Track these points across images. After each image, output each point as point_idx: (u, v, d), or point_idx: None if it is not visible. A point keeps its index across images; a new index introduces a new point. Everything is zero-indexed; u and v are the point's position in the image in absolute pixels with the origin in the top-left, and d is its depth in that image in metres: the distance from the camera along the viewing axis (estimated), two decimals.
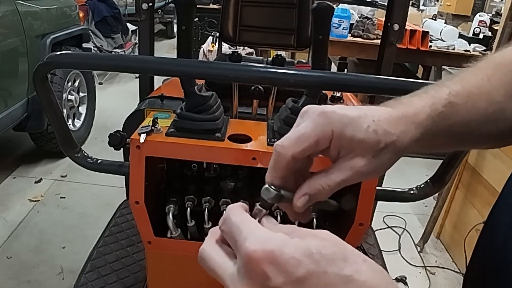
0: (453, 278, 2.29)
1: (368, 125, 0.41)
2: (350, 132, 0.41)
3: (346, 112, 0.41)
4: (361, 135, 0.41)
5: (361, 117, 0.42)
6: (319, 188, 0.42)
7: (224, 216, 0.37)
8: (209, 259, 0.36)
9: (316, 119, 0.41)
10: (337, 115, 0.41)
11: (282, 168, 0.41)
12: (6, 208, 2.59)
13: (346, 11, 3.59)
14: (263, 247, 0.32)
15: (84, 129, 3.47)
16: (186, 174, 1.16)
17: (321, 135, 0.41)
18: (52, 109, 1.04)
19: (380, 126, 0.42)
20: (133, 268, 1.41)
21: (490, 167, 2.15)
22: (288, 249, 0.32)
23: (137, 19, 1.63)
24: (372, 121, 0.42)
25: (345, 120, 0.41)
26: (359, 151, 0.41)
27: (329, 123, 0.41)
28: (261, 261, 0.31)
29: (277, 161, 0.41)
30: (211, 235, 0.38)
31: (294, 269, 0.31)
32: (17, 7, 2.60)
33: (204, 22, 4.80)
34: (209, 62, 2.28)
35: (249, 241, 0.33)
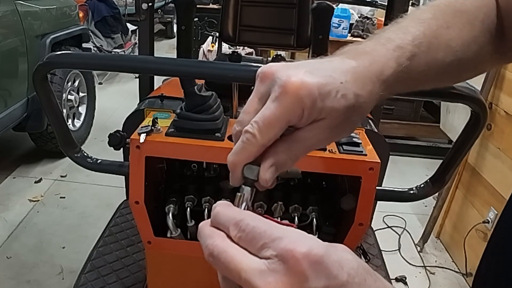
0: (453, 278, 2.29)
1: (337, 91, 0.39)
2: (320, 104, 0.39)
3: (313, 81, 0.38)
4: (330, 103, 0.39)
5: (329, 82, 0.39)
6: (286, 158, 0.40)
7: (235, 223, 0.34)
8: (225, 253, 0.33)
9: (283, 99, 0.38)
10: (305, 89, 0.38)
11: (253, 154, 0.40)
12: (6, 208, 2.59)
13: (346, 11, 3.59)
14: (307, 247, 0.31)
15: (84, 129, 3.46)
16: (186, 174, 1.16)
17: (291, 116, 0.38)
18: (52, 109, 1.04)
19: (349, 89, 0.40)
20: (133, 268, 1.41)
21: (490, 167, 2.15)
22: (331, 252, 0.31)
23: (137, 19, 1.63)
24: (340, 83, 0.39)
25: (314, 92, 0.38)
26: (328, 117, 0.40)
27: (298, 101, 0.38)
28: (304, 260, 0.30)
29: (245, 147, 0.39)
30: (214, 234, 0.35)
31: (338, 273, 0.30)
32: (17, 7, 2.60)
33: (204, 22, 4.80)
34: (209, 62, 2.27)
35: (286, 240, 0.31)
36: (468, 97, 0.87)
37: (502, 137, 2.07)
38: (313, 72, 0.39)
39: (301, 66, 0.40)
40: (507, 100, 2.05)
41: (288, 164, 0.41)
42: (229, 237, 0.34)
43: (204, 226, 0.36)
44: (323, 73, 0.39)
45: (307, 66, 0.40)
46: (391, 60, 0.43)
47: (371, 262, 1.51)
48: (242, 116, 0.41)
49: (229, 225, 0.34)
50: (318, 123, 0.40)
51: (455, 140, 1.00)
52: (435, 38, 0.47)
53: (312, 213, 1.08)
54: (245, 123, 0.39)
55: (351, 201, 0.96)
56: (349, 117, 0.41)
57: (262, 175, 0.40)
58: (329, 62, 0.42)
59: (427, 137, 3.75)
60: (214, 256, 0.33)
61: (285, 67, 0.40)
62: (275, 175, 0.40)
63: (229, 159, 0.41)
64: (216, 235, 0.34)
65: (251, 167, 0.41)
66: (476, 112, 0.90)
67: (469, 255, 2.19)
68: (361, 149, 0.96)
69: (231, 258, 0.32)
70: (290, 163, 0.41)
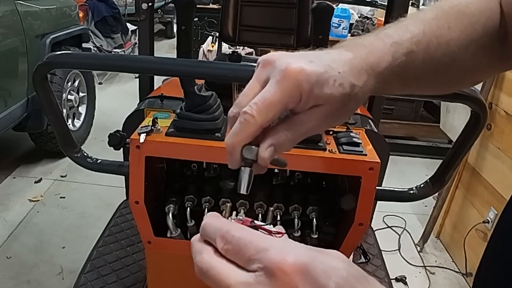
0: (453, 278, 2.29)
1: (335, 79, 0.41)
2: (317, 90, 0.41)
3: (312, 69, 0.40)
4: (328, 90, 0.41)
5: (327, 71, 0.41)
6: (285, 139, 0.42)
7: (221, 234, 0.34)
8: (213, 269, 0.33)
9: (283, 83, 0.40)
10: (304, 75, 0.40)
11: (251, 134, 0.41)
12: (6, 208, 2.59)
13: (346, 11, 3.59)
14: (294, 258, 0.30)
15: (84, 129, 3.46)
16: (186, 174, 1.16)
17: (290, 100, 0.40)
18: (52, 109, 1.04)
19: (346, 79, 0.42)
20: (133, 268, 1.41)
21: (490, 167, 2.15)
22: (318, 262, 0.31)
23: (137, 19, 1.63)
24: (338, 73, 0.41)
25: (313, 79, 0.40)
26: (326, 103, 0.42)
27: (297, 86, 0.40)
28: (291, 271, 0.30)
29: (243, 128, 0.40)
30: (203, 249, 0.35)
31: (326, 282, 0.30)
32: (17, 7, 2.60)
33: (204, 22, 4.79)
34: (208, 62, 2.27)
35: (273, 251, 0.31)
36: (468, 97, 0.87)
37: (502, 137, 2.07)
38: (313, 61, 0.41)
39: (301, 56, 0.42)
40: (507, 100, 2.05)
41: (286, 145, 0.42)
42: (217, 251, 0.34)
43: (194, 241, 0.36)
44: (322, 63, 0.42)
45: (307, 56, 0.42)
46: (388, 54, 0.45)
47: (371, 262, 1.51)
48: (240, 98, 0.42)
49: (216, 237, 0.34)
50: (316, 108, 0.42)
51: (455, 140, 1.00)
52: (434, 38, 0.47)
53: (312, 213, 1.08)
54: (244, 104, 0.41)
55: (351, 201, 0.96)
56: (346, 104, 0.43)
57: (261, 153, 0.41)
58: (328, 54, 0.44)
59: (427, 137, 3.75)
60: (203, 273, 0.34)
61: (286, 55, 0.42)
62: (274, 155, 0.42)
63: (227, 141, 0.42)
64: (205, 251, 0.34)
65: (249, 147, 0.42)
66: (476, 112, 0.90)
67: (469, 255, 2.19)
68: (361, 149, 0.96)
69: (218, 274, 0.33)
70: (288, 144, 0.42)
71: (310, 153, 0.96)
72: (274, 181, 1.13)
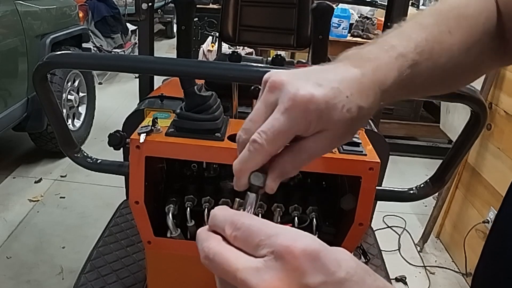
0: (453, 278, 2.29)
1: (343, 105, 0.40)
2: (326, 117, 0.40)
3: (320, 96, 0.39)
4: (335, 117, 0.40)
5: (336, 96, 0.40)
6: (291, 168, 0.42)
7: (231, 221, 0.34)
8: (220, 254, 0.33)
9: (293, 111, 0.39)
10: (314, 103, 0.39)
11: (260, 162, 0.41)
12: (6, 208, 2.59)
13: (346, 11, 3.59)
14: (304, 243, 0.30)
15: (84, 129, 3.46)
16: (186, 174, 1.16)
17: (299, 127, 0.40)
18: (51, 109, 1.04)
19: (354, 103, 0.41)
20: (133, 268, 1.41)
21: (490, 167, 2.15)
22: (329, 250, 0.31)
23: (137, 19, 1.63)
24: (346, 97, 0.40)
25: (322, 106, 0.39)
26: (332, 128, 0.41)
27: (306, 116, 0.39)
28: (302, 256, 0.30)
29: (252, 156, 0.40)
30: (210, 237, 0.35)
31: (336, 269, 0.30)
32: (17, 7, 2.60)
33: (203, 22, 4.80)
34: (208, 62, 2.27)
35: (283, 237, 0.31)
36: (468, 97, 0.87)
37: (502, 137, 2.07)
38: (322, 84, 0.40)
39: (309, 76, 0.41)
40: (507, 100, 2.05)
41: (292, 172, 0.43)
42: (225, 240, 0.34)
43: (201, 230, 0.36)
44: (331, 85, 0.40)
45: (314, 76, 0.41)
46: (393, 69, 0.44)
47: (371, 262, 1.51)
48: (248, 124, 0.41)
49: (225, 224, 0.34)
50: (322, 133, 0.41)
51: (455, 140, 1.00)
52: (437, 44, 0.47)
53: (312, 213, 1.08)
54: (252, 131, 0.40)
55: (351, 201, 0.96)
56: (351, 127, 0.42)
57: (269, 183, 0.42)
58: (335, 71, 0.42)
59: (427, 137, 3.75)
60: (209, 259, 0.33)
61: (294, 77, 0.41)
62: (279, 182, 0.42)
63: (235, 166, 0.42)
64: (212, 238, 0.34)
65: (257, 174, 0.42)
66: (476, 112, 0.90)
67: (469, 255, 2.19)
68: (361, 149, 0.96)
69: (226, 259, 0.32)
70: (294, 171, 0.43)
71: None
72: None
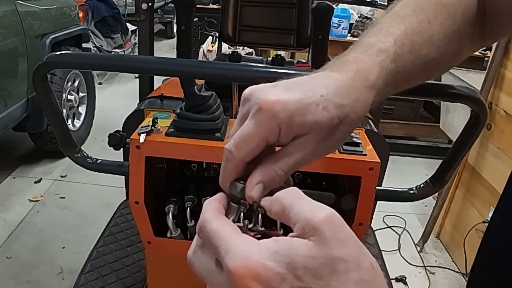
0: (453, 278, 2.29)
1: (317, 104, 0.38)
2: (298, 119, 0.38)
3: (289, 97, 0.38)
4: (311, 117, 0.38)
5: (307, 97, 0.38)
6: (273, 174, 0.39)
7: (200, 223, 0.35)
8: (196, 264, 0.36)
9: (258, 116, 0.38)
10: (280, 105, 0.38)
11: (233, 170, 0.40)
12: (6, 208, 2.59)
13: (346, 11, 3.59)
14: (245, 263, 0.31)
15: (84, 129, 3.46)
16: (186, 174, 1.16)
17: (268, 132, 0.38)
18: (51, 109, 1.04)
19: (330, 101, 0.39)
20: (133, 268, 1.41)
21: (490, 167, 2.15)
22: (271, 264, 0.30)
23: (137, 19, 1.63)
24: (320, 96, 0.39)
25: (291, 108, 0.38)
26: (312, 131, 0.39)
27: (273, 118, 0.38)
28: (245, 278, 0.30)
29: (226, 165, 0.40)
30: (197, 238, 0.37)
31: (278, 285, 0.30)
32: (17, 7, 2.60)
33: (203, 22, 4.79)
34: (208, 62, 2.27)
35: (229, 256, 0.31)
36: (468, 97, 0.87)
37: (502, 137, 2.07)
38: (291, 88, 0.39)
39: (279, 85, 0.40)
40: (507, 100, 2.05)
41: (276, 180, 0.40)
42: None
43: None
44: (302, 88, 0.39)
45: (285, 84, 0.40)
46: (375, 65, 0.43)
47: None
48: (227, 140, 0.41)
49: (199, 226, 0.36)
50: (302, 138, 0.39)
51: (455, 140, 1.00)
52: (417, 35, 0.46)
53: None
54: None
55: (351, 201, 0.96)
56: (336, 128, 0.40)
57: (247, 191, 0.39)
58: (310, 78, 0.41)
59: (427, 137, 3.75)
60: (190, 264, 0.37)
61: (263, 87, 0.40)
62: (264, 193, 0.39)
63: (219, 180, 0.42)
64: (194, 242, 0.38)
65: (234, 184, 0.40)
66: (476, 112, 0.90)
67: (469, 255, 2.19)
68: (361, 149, 0.96)
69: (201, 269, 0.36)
70: (278, 179, 0.40)
71: None
72: None
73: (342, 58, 0.44)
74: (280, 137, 0.39)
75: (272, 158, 0.40)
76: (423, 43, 0.46)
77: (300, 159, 0.40)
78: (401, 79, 0.45)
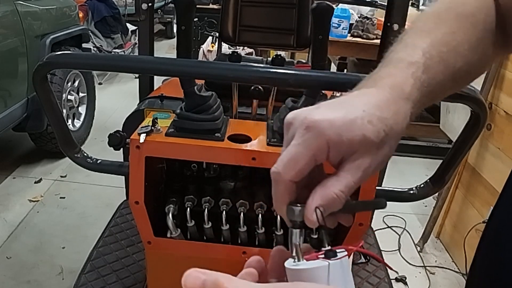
0: (453, 278, 2.29)
1: (361, 118, 0.38)
2: (346, 135, 0.38)
3: (334, 115, 0.38)
4: (358, 132, 0.38)
5: (350, 112, 0.38)
6: (333, 197, 0.38)
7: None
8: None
9: (305, 135, 0.38)
10: (327, 122, 0.38)
11: (284, 193, 0.39)
12: (6, 208, 2.59)
13: (346, 11, 3.58)
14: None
15: (84, 129, 3.46)
16: (186, 174, 1.16)
17: (316, 150, 0.38)
18: (51, 109, 1.04)
19: (373, 115, 0.39)
20: (133, 268, 1.41)
21: (490, 167, 2.15)
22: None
23: (137, 19, 1.63)
24: (363, 111, 0.39)
25: (338, 124, 0.38)
26: (362, 149, 0.39)
27: (321, 135, 0.38)
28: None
29: (276, 188, 0.39)
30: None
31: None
32: (17, 7, 2.60)
33: (203, 22, 4.80)
34: (208, 62, 2.27)
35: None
36: (468, 97, 0.87)
37: (502, 137, 2.07)
38: (333, 107, 0.39)
39: (321, 106, 0.40)
40: (507, 100, 2.05)
41: (336, 203, 0.39)
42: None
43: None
44: (343, 106, 0.40)
45: (326, 104, 0.40)
46: (408, 78, 0.43)
47: (371, 262, 1.51)
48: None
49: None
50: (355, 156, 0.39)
51: (455, 140, 1.00)
52: (443, 46, 0.47)
53: None
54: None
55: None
56: (383, 142, 0.39)
57: (308, 215, 0.38)
58: (348, 97, 0.42)
59: (427, 137, 3.75)
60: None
61: (305, 110, 0.40)
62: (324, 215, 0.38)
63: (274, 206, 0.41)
64: None
65: (291, 208, 0.39)
66: (476, 112, 0.90)
67: (469, 255, 2.19)
68: None
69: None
70: (338, 201, 0.39)
71: None
72: None
73: (374, 76, 0.45)
74: (329, 156, 0.39)
75: (330, 180, 0.39)
76: (450, 53, 0.47)
77: (357, 178, 0.39)
78: (433, 90, 0.46)
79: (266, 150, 0.96)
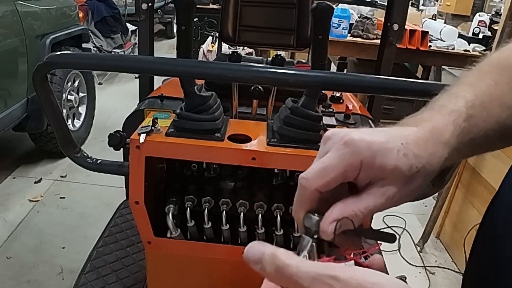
0: (453, 278, 2.29)
1: (398, 149, 0.39)
2: (380, 160, 0.39)
3: (374, 139, 0.39)
4: (392, 162, 0.39)
5: (389, 141, 0.40)
6: (352, 214, 0.39)
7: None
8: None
9: (343, 149, 0.39)
10: (365, 143, 0.39)
11: (307, 200, 0.40)
12: (6, 208, 2.59)
13: (346, 11, 3.59)
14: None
15: (84, 129, 3.46)
16: (186, 174, 1.16)
17: (349, 166, 0.39)
18: (51, 109, 1.04)
19: (410, 150, 0.40)
20: (133, 268, 1.41)
21: (490, 167, 2.15)
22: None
23: (137, 19, 1.63)
24: (401, 144, 0.40)
25: (375, 148, 0.39)
26: (391, 178, 0.40)
27: (357, 153, 0.39)
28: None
29: (300, 193, 0.40)
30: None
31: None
32: (17, 7, 2.60)
33: (203, 22, 4.80)
34: (208, 62, 2.27)
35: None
36: None
37: None
38: (374, 133, 0.40)
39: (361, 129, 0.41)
40: None
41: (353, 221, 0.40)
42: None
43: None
44: (384, 134, 0.41)
45: (367, 129, 0.42)
46: (448, 124, 0.44)
47: None
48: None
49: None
50: (382, 182, 0.40)
51: None
52: (486, 97, 0.47)
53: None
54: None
55: None
56: (413, 178, 0.40)
57: (323, 225, 0.39)
58: (389, 129, 0.42)
59: None
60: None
61: (345, 129, 0.41)
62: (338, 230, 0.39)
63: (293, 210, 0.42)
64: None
65: (309, 216, 0.40)
66: None
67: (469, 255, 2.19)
68: None
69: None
70: (355, 220, 0.40)
71: (310, 153, 0.96)
72: (274, 181, 1.13)
73: (416, 117, 0.46)
74: (359, 176, 0.40)
75: (352, 199, 0.40)
76: (494, 103, 0.47)
77: (379, 204, 0.40)
78: (475, 138, 0.46)
79: (266, 150, 0.96)
